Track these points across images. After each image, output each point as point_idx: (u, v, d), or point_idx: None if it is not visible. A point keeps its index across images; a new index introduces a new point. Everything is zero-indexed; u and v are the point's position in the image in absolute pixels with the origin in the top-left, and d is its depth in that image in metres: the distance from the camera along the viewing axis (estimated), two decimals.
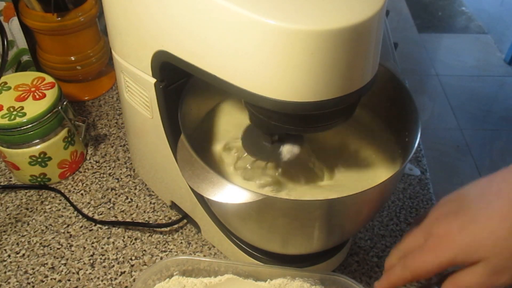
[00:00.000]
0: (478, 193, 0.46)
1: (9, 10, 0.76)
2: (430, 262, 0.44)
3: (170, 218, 0.66)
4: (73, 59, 0.79)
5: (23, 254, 0.62)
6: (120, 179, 0.71)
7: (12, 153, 0.66)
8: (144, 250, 0.62)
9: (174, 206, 0.66)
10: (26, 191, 0.70)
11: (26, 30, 0.79)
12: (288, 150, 0.49)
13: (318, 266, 0.56)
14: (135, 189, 0.70)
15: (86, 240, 0.63)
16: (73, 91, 0.84)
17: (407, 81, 0.62)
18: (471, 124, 2.17)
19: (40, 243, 0.63)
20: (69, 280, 0.59)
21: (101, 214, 0.67)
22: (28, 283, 0.59)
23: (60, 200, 0.69)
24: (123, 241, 0.63)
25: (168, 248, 0.63)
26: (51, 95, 0.66)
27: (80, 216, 0.66)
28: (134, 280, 0.59)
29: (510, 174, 0.45)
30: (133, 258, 0.62)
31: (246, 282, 0.52)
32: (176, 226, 0.65)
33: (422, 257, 0.45)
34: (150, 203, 0.68)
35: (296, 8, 0.36)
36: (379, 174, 0.52)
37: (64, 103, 0.67)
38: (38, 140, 0.66)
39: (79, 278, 0.59)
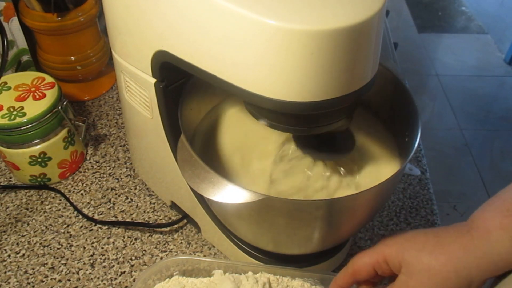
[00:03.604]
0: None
1: (9, 10, 0.76)
2: (366, 255, 0.44)
3: (170, 218, 0.66)
4: (73, 59, 0.79)
5: (23, 254, 0.62)
6: (120, 179, 0.71)
7: (12, 153, 0.66)
8: (144, 250, 0.62)
9: (174, 206, 0.66)
10: (26, 191, 0.70)
11: (26, 30, 0.79)
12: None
13: (318, 266, 0.56)
14: (135, 189, 0.70)
15: (86, 240, 0.64)
16: (73, 91, 0.84)
17: (407, 81, 0.62)
18: (471, 124, 2.16)
19: (40, 243, 0.63)
20: (69, 280, 0.59)
21: (101, 214, 0.67)
22: (28, 283, 0.59)
23: (60, 200, 0.69)
24: (123, 241, 0.63)
25: (168, 248, 0.63)
26: (51, 95, 0.66)
27: (80, 216, 0.66)
28: (134, 280, 0.59)
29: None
30: (133, 258, 0.62)
31: None
32: (176, 226, 0.65)
33: (361, 254, 0.45)
34: (150, 203, 0.68)
35: (296, 8, 0.36)
36: (379, 174, 0.52)
37: (64, 103, 0.67)
38: (38, 140, 0.66)
39: (79, 278, 0.59)
